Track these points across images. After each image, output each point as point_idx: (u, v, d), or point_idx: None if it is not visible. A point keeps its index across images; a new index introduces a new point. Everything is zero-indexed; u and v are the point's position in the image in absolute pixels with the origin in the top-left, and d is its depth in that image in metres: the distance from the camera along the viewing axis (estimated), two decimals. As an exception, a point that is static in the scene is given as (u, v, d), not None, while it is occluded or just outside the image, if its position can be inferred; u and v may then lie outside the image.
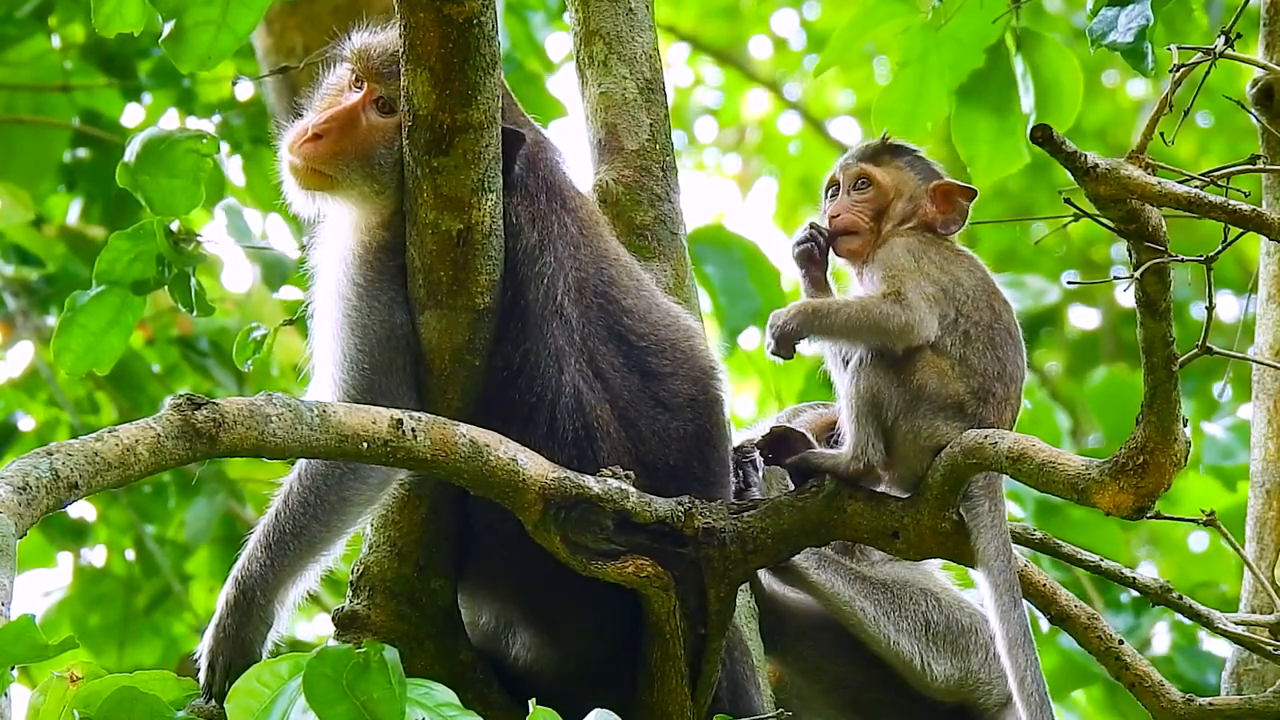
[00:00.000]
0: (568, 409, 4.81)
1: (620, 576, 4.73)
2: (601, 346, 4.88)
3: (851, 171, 4.97)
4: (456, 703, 3.94)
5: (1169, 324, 4.42)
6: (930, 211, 4.94)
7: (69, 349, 5.50)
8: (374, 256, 4.88)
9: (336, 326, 4.87)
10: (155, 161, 5.41)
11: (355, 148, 4.91)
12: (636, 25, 5.55)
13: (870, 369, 4.73)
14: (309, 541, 4.75)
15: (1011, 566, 4.66)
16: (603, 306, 4.90)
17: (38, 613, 3.88)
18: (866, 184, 4.95)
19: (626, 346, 4.91)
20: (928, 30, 6.16)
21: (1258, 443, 5.66)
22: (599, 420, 4.83)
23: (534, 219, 4.89)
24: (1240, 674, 5.52)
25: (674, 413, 4.90)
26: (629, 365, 4.89)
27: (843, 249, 4.92)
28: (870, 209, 4.93)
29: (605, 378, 4.86)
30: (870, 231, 4.92)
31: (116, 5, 5.32)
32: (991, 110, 6.18)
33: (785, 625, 5.32)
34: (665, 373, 4.92)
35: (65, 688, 4.23)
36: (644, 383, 4.89)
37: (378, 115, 4.93)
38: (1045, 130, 4.28)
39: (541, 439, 4.75)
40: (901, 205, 4.93)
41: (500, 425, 4.72)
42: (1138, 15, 4.94)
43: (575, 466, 4.73)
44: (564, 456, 4.76)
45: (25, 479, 4.08)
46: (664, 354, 4.93)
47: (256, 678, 3.97)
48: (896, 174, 4.96)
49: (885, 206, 4.93)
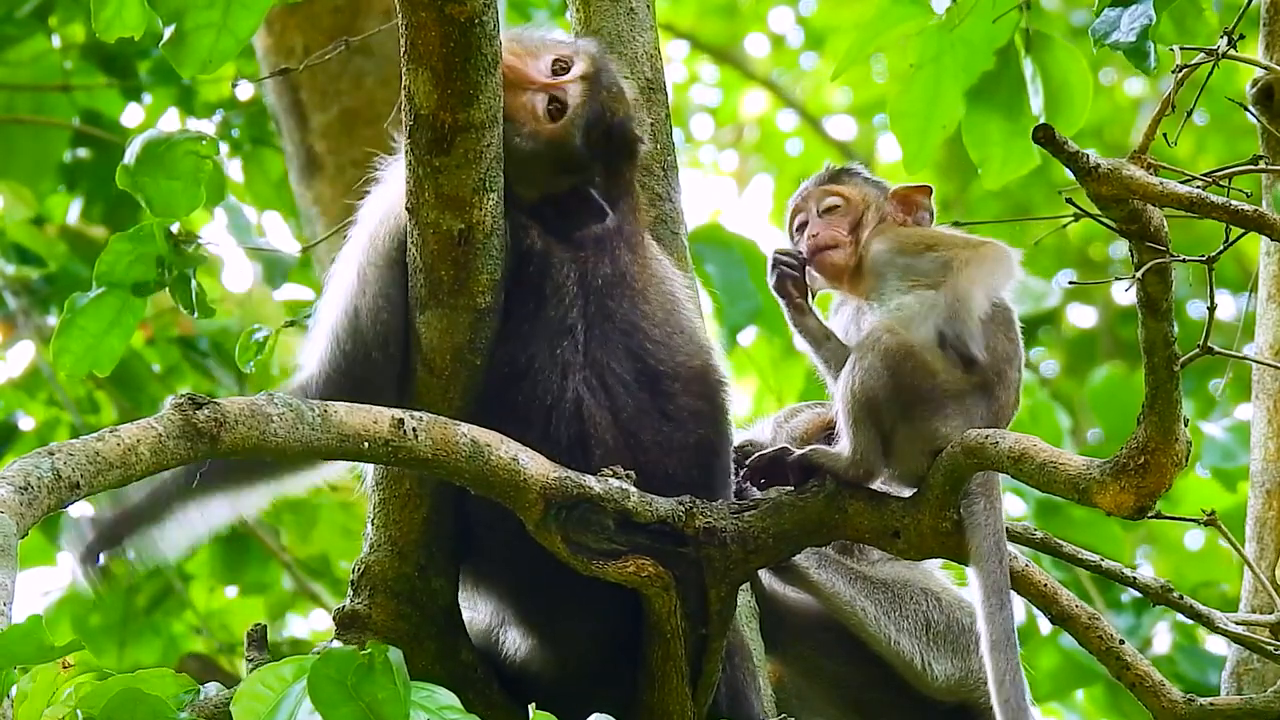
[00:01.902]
0: (566, 415, 4.81)
1: (621, 576, 4.73)
2: (615, 364, 4.88)
3: (817, 196, 5.04)
4: (458, 705, 3.94)
5: (1170, 324, 4.42)
6: (898, 216, 5.01)
7: (69, 351, 5.51)
8: (385, 244, 4.90)
9: (336, 295, 4.90)
10: (155, 163, 5.41)
11: None
12: (637, 25, 5.55)
13: (865, 370, 4.74)
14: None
15: (1003, 566, 4.66)
16: (625, 331, 4.91)
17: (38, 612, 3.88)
18: (835, 204, 5.01)
19: (641, 365, 4.91)
20: (942, 31, 6.15)
21: (1258, 443, 5.67)
22: (596, 428, 4.83)
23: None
24: (1240, 674, 5.53)
25: (678, 424, 4.91)
26: (640, 382, 4.90)
27: (826, 264, 4.96)
28: (846, 223, 4.99)
29: (611, 390, 4.86)
30: (850, 243, 4.97)
31: (117, 8, 5.32)
32: (1002, 112, 6.17)
33: (785, 625, 5.32)
34: (675, 391, 4.92)
35: (56, 673, 4.23)
36: (653, 400, 4.89)
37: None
38: (1047, 130, 4.28)
39: (536, 441, 4.75)
40: (871, 215, 5.00)
41: (497, 423, 4.73)
42: (1141, 15, 4.94)
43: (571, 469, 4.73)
44: (563, 459, 4.75)
45: (27, 479, 4.08)
46: (678, 379, 4.94)
47: (261, 680, 3.97)
48: (859, 188, 5.04)
49: (859, 219, 4.99)
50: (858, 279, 4.95)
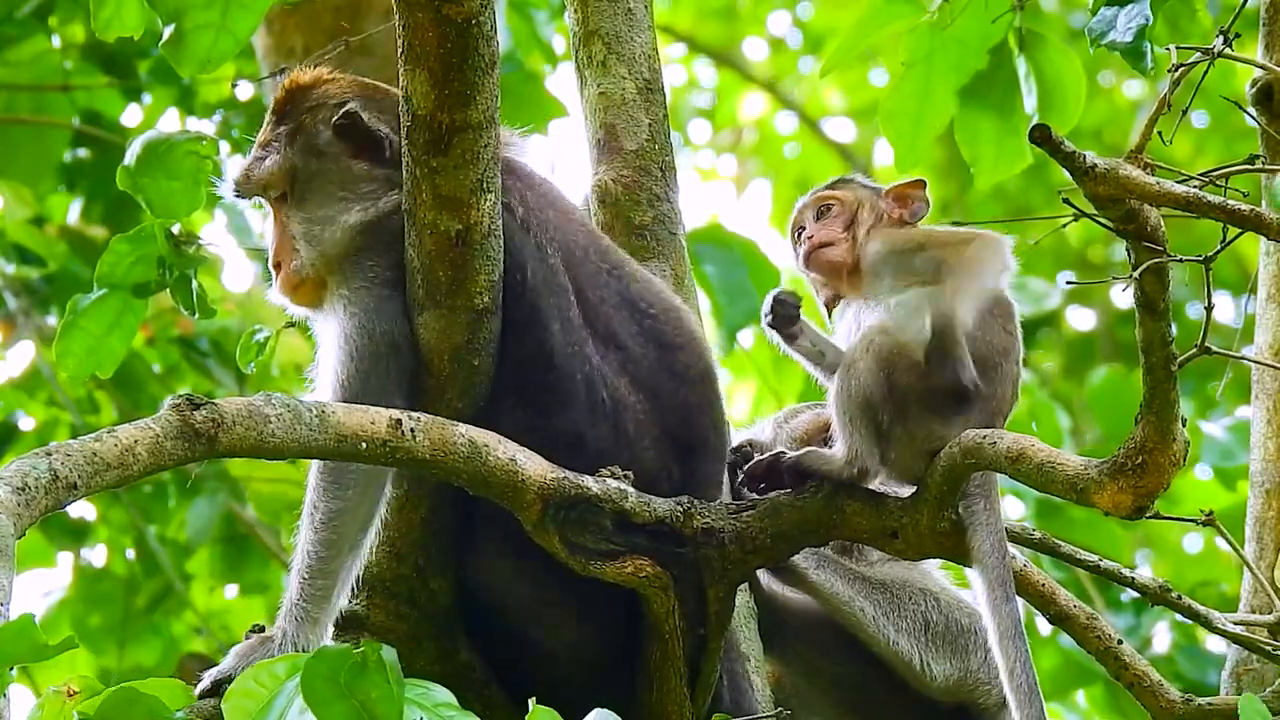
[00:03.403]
0: (597, 382, 4.85)
1: (619, 577, 4.73)
2: (615, 314, 4.94)
3: (812, 203, 5.12)
4: (454, 703, 3.94)
5: (1168, 324, 4.42)
6: (895, 211, 5.07)
7: (71, 352, 5.51)
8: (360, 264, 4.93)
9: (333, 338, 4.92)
10: (155, 164, 5.42)
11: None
12: (635, 25, 5.56)
13: (860, 370, 4.74)
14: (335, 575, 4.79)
15: (1005, 563, 4.67)
16: (610, 271, 4.99)
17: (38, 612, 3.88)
18: (829, 206, 5.09)
19: (639, 315, 4.97)
20: (934, 31, 6.15)
21: (1257, 443, 5.67)
22: (620, 392, 4.88)
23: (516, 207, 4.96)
24: (1240, 674, 5.53)
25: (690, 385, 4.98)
26: (644, 335, 4.95)
27: (823, 262, 5.03)
28: (841, 223, 5.06)
29: (624, 347, 4.91)
30: (846, 239, 5.02)
31: (116, 8, 5.32)
32: (995, 111, 6.18)
33: (784, 625, 5.33)
34: (678, 344, 4.99)
35: (62, 703, 4.24)
36: (660, 354, 4.96)
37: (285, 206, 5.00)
38: (1044, 130, 4.29)
39: (583, 416, 4.81)
40: (866, 213, 5.06)
41: (534, 415, 4.77)
42: (1137, 15, 4.94)
43: (611, 440, 4.78)
44: (604, 428, 4.80)
45: (24, 479, 4.08)
46: (671, 323, 5.01)
47: (253, 678, 3.97)
48: (853, 191, 5.13)
49: (853, 217, 5.06)
50: (856, 277, 5.00)
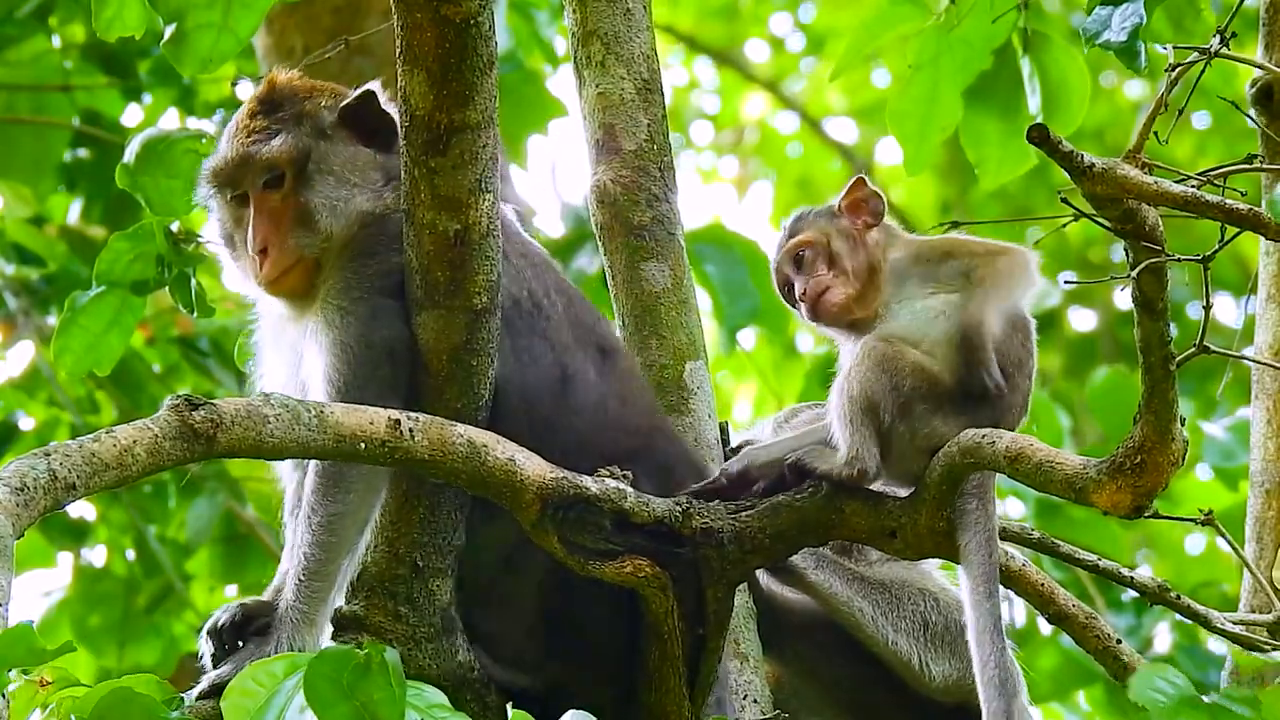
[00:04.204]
0: (590, 382, 4.95)
1: (618, 577, 4.73)
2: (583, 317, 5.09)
3: (785, 256, 5.03)
4: (447, 704, 3.94)
5: (1166, 323, 4.42)
6: (857, 225, 5.01)
7: (69, 350, 5.51)
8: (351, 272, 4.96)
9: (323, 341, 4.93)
10: (155, 162, 5.42)
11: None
12: (634, 26, 5.55)
13: (861, 373, 4.74)
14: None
15: (993, 563, 4.66)
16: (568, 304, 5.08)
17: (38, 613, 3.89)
18: (802, 254, 5.01)
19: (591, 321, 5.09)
20: (940, 32, 6.14)
21: (1257, 443, 5.67)
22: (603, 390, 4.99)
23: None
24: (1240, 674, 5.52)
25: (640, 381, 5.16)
26: (598, 341, 5.07)
27: (830, 308, 4.97)
28: (823, 264, 4.99)
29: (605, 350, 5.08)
30: (835, 276, 4.96)
31: (117, 8, 5.33)
32: (999, 112, 6.17)
33: (783, 625, 5.33)
34: (619, 349, 5.15)
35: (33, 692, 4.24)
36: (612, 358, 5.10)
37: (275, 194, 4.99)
38: (1042, 130, 4.29)
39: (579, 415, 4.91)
40: (838, 243, 4.99)
41: (533, 414, 4.86)
42: (1131, 14, 4.94)
43: (602, 437, 4.84)
44: (595, 426, 4.88)
45: (23, 479, 4.08)
46: (608, 331, 5.15)
47: (251, 677, 3.97)
48: (815, 228, 5.03)
49: (829, 251, 4.98)
50: (865, 300, 4.94)
